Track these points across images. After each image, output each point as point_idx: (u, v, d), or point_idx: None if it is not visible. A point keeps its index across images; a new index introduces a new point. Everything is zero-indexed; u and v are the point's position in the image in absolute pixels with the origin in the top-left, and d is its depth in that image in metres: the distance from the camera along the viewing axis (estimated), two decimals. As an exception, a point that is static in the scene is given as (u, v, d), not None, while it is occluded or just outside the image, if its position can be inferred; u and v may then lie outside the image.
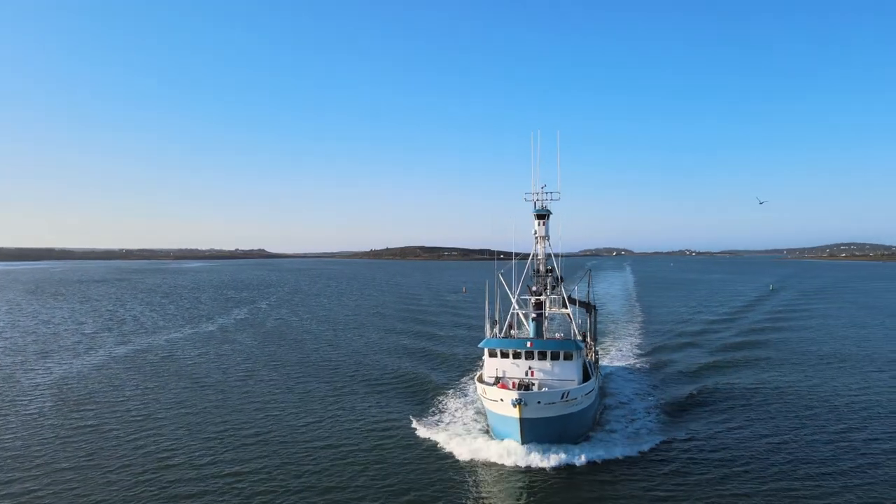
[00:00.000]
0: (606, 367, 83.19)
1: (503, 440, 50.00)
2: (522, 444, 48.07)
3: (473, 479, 45.36)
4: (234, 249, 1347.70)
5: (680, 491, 42.65)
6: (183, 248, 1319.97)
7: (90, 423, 59.10)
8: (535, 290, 63.78)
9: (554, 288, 63.99)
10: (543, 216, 64.26)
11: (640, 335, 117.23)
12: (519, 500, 42.07)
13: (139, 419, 60.35)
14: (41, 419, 60.43)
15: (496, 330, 61.81)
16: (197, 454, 50.18)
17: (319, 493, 42.93)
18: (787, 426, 57.20)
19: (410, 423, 58.43)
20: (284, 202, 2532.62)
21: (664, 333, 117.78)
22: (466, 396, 68.66)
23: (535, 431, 48.36)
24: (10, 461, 48.76)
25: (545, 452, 47.35)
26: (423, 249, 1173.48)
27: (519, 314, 63.64)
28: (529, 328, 64.14)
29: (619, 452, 49.24)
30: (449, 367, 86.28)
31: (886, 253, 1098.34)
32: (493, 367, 56.72)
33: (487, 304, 64.39)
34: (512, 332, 63.56)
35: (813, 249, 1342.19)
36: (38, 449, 51.69)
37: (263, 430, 56.96)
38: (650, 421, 59.26)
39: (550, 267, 64.08)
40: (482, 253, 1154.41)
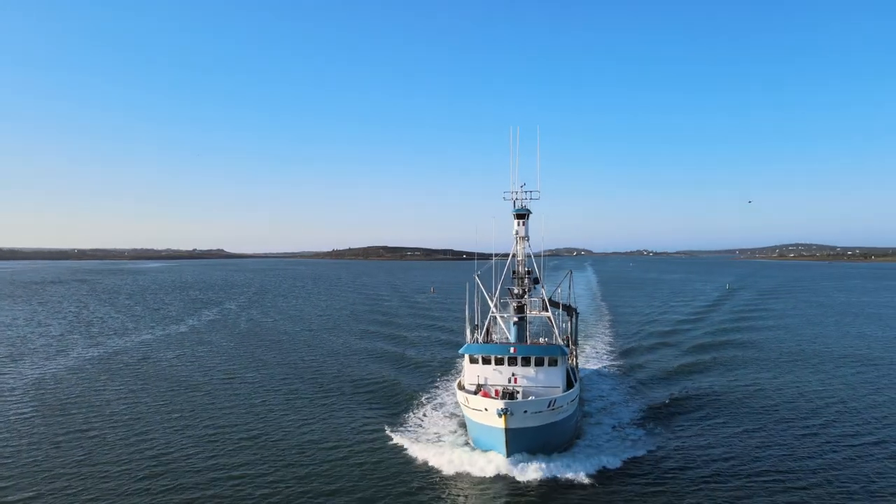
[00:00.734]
0: (582, 370, 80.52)
1: (485, 451, 47.53)
2: (507, 456, 45.28)
3: (455, 492, 42.95)
4: (191, 249, 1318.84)
5: (674, 498, 41.72)
6: (138, 248, 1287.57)
7: (79, 426, 58.56)
8: (516, 292, 60.91)
9: (531, 290, 61.41)
10: (523, 215, 61.56)
11: (609, 336, 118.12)
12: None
13: (128, 421, 60.04)
14: (27, 423, 59.59)
15: (477, 335, 59.35)
16: (189, 455, 50.55)
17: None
18: (764, 427, 57.44)
19: (384, 431, 55.70)
20: (243, 202, 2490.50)
21: (634, 334, 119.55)
22: (442, 403, 66.17)
23: (520, 442, 45.72)
24: (1, 466, 48.35)
25: (530, 464, 44.87)
26: (385, 249, 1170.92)
27: (498, 318, 61.27)
28: (510, 333, 61.39)
29: (604, 462, 46.82)
30: (423, 371, 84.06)
31: (831, 253, 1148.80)
32: (474, 373, 53.95)
33: (468, 307, 62.44)
34: (494, 336, 61.61)
35: (763, 250, 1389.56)
36: (31, 452, 51.19)
37: (243, 433, 56.98)
38: (632, 427, 57.24)
39: (529, 269, 61.31)
40: (445, 253, 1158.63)
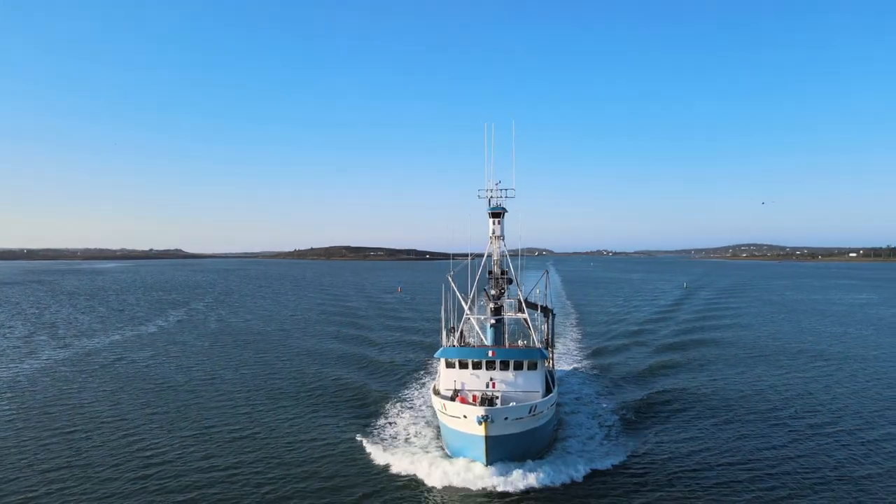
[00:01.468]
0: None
1: (462, 459, 45.90)
2: (487, 464, 43.58)
3: (431, 503, 41.62)
4: (148, 249, 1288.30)
5: (660, 500, 41.51)
6: (91, 247, 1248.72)
7: (63, 426, 58.44)
8: (493, 293, 59.16)
9: (506, 291, 60.18)
10: (499, 214, 59.81)
11: (578, 335, 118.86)
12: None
13: (112, 421, 60.06)
14: (9, 424, 59.11)
15: (453, 338, 57.60)
16: (176, 453, 51.38)
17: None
18: (738, 425, 57.89)
19: (356, 439, 53.55)
20: (200, 202, 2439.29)
21: (602, 334, 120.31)
22: (415, 408, 64.21)
23: (500, 450, 43.97)
24: (-7, 465, 48.31)
25: (510, 472, 43.27)
26: (348, 249, 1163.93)
27: (472, 320, 59.31)
28: (487, 335, 59.20)
29: (585, 467, 45.74)
30: (393, 374, 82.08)
31: (781, 253, 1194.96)
32: (450, 378, 52.14)
33: (443, 309, 61.06)
34: (472, 340, 60.17)
35: (717, 250, 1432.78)
36: (19, 453, 51.11)
37: (218, 437, 56.77)
38: (608, 430, 56.35)
39: (505, 269, 60.04)
40: (409, 253, 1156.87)
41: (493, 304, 58.86)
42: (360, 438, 53.56)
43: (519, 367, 51.31)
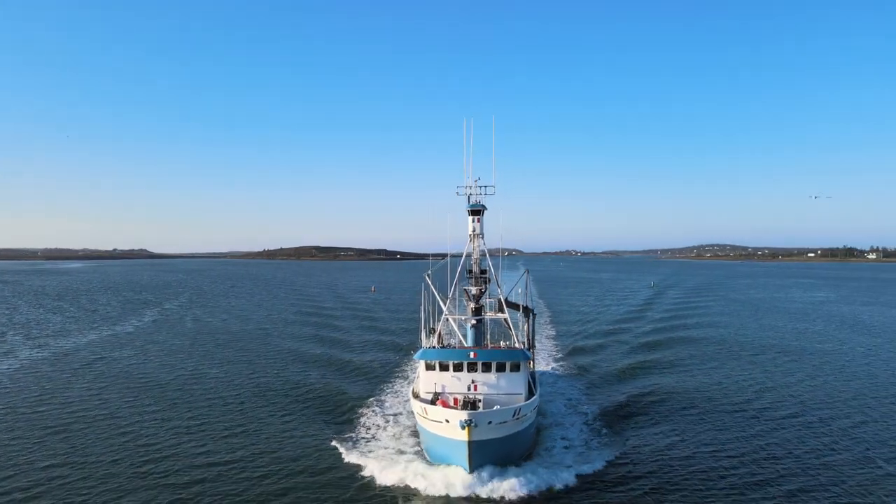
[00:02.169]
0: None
1: (443, 465, 44.37)
2: (471, 471, 42.11)
3: None
4: (111, 249, 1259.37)
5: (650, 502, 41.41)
6: (51, 247, 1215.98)
7: (56, 423, 58.98)
8: (474, 293, 57.88)
9: (486, 290, 59.39)
10: (478, 211, 58.52)
11: (552, 334, 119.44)
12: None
13: (103, 417, 60.71)
14: (1, 422, 59.71)
15: (433, 339, 56.41)
16: (172, 449, 52.59)
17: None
18: (714, 419, 59.08)
19: (331, 444, 51.74)
20: (164, 202, 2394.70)
21: (576, 333, 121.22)
22: (392, 411, 62.86)
23: (484, 455, 42.59)
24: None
25: (494, 478, 42.04)
26: (318, 249, 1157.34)
27: (450, 320, 58.44)
28: (467, 336, 57.98)
29: (569, 472, 44.63)
30: (368, 376, 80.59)
31: (743, 253, 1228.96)
32: (430, 381, 50.90)
33: (423, 310, 59.99)
34: (453, 341, 59.67)
35: (682, 250, 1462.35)
36: (18, 447, 51.74)
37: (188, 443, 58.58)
38: (590, 432, 55.63)
39: (484, 268, 58.97)
40: (379, 253, 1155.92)
41: (473, 303, 57.53)
42: (335, 444, 51.78)
43: (501, 368, 50.11)
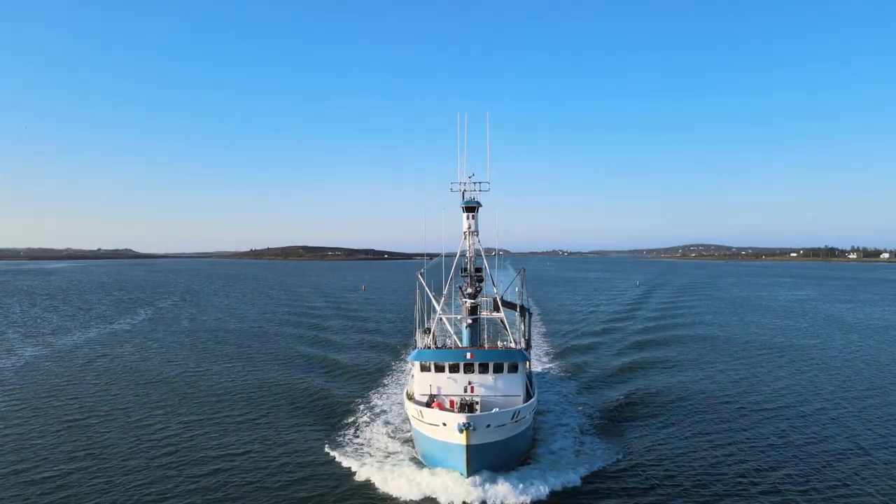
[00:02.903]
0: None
1: (440, 470, 42.94)
2: (468, 475, 40.78)
3: None
4: (96, 249, 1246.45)
5: None
6: (34, 247, 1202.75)
7: (72, 416, 60.70)
8: (469, 292, 56.48)
9: (481, 289, 58.23)
10: (473, 208, 57.12)
11: (544, 335, 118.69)
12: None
13: (117, 412, 62.41)
14: (18, 415, 61.07)
15: (428, 340, 54.97)
16: (188, 442, 54.73)
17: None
18: (716, 426, 57.98)
19: (324, 449, 50.38)
20: (151, 202, 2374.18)
21: (567, 333, 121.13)
22: (385, 414, 61.35)
23: (482, 459, 41.36)
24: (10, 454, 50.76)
25: (492, 482, 40.57)
26: (305, 249, 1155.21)
27: (444, 320, 57.36)
28: (463, 336, 56.58)
29: (570, 475, 43.55)
30: (360, 377, 79.60)
31: (727, 253, 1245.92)
32: (425, 382, 49.55)
33: (417, 310, 59.27)
34: (448, 341, 58.55)
35: (668, 250, 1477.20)
36: (41, 437, 53.49)
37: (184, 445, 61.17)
38: (587, 434, 54.66)
39: (479, 266, 58.24)
40: (367, 253, 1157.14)
41: (469, 302, 56.24)
42: (327, 448, 50.44)
43: (499, 369, 48.77)
